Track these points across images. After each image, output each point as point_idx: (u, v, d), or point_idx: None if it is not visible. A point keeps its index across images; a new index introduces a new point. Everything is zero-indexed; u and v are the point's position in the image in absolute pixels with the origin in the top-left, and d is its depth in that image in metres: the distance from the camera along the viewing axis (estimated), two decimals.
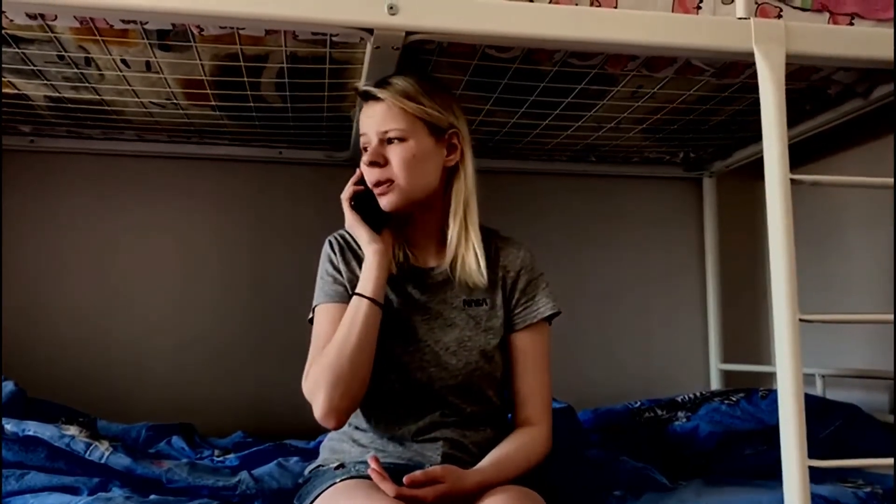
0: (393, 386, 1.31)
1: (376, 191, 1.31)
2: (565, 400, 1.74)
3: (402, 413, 1.32)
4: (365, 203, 1.33)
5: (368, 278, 1.27)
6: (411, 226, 1.37)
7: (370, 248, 1.30)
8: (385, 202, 1.31)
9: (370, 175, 1.31)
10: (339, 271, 1.35)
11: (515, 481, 1.20)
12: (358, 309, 1.25)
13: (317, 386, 1.22)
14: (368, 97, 1.32)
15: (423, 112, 1.30)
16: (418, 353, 1.31)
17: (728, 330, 2.39)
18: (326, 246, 1.39)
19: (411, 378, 1.31)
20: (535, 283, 1.38)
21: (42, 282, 2.11)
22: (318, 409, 1.21)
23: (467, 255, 1.32)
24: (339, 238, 1.39)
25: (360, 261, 1.35)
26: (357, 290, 1.27)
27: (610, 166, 2.36)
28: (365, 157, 1.31)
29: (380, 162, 1.29)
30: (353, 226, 1.34)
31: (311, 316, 1.36)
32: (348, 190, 1.35)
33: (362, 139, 1.34)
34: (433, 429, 1.31)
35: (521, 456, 1.26)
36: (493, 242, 1.40)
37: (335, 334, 1.25)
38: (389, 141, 1.30)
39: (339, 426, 1.26)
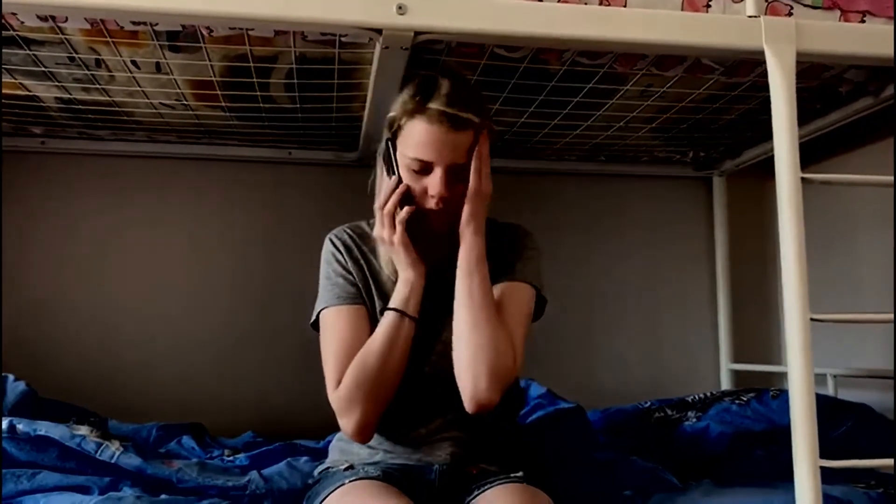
0: (404, 385, 1.30)
1: (434, 212, 1.26)
2: (574, 400, 1.74)
3: (412, 413, 1.32)
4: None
5: (410, 296, 1.26)
6: (425, 224, 1.33)
7: (415, 270, 1.27)
8: (440, 222, 1.28)
9: (433, 202, 1.25)
10: (349, 271, 1.33)
11: (521, 479, 1.20)
12: (400, 328, 1.24)
13: (353, 403, 1.21)
14: (450, 124, 1.21)
15: (485, 130, 1.27)
16: (427, 348, 1.31)
17: (738, 329, 2.38)
18: (328, 245, 1.37)
19: (421, 374, 1.30)
20: (526, 253, 1.35)
21: (53, 282, 2.13)
22: (353, 424, 1.22)
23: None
24: (341, 236, 1.37)
25: (367, 259, 1.34)
26: (398, 307, 1.25)
27: (619, 166, 2.36)
28: (435, 190, 1.23)
29: (448, 197, 1.25)
30: (402, 248, 1.27)
31: (313, 319, 1.34)
32: (397, 206, 1.26)
33: (417, 161, 1.24)
34: (442, 429, 1.31)
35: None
36: (495, 230, 1.37)
37: (371, 349, 1.23)
38: (456, 175, 1.25)
39: (368, 441, 1.27)
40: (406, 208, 1.27)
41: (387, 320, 1.25)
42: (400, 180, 1.27)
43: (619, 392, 2.22)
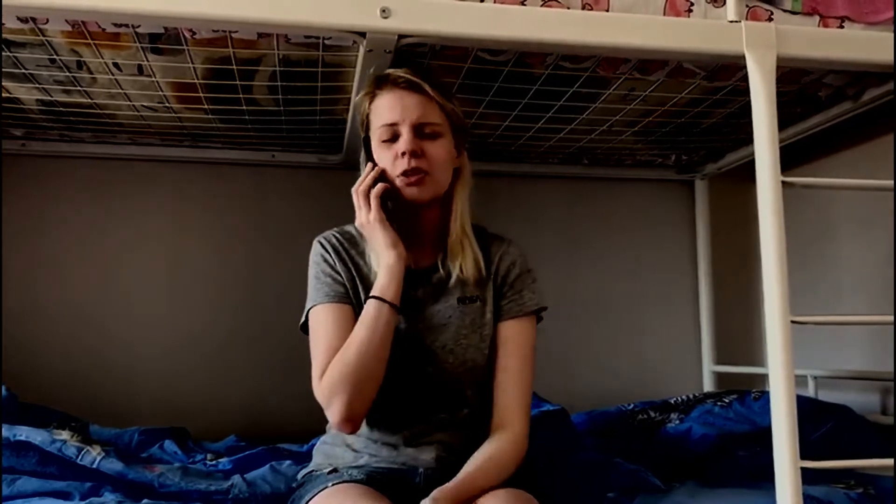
0: (391, 388, 1.30)
1: (407, 180, 1.27)
2: (559, 402, 1.75)
3: (397, 417, 1.31)
4: (381, 202, 1.30)
5: (389, 282, 1.25)
6: (412, 225, 1.35)
7: (393, 251, 1.27)
8: (414, 193, 1.28)
9: (405, 163, 1.26)
10: (337, 271, 1.33)
11: (507, 482, 1.20)
12: (379, 314, 1.23)
13: (335, 392, 1.20)
14: (406, 85, 1.27)
15: (454, 112, 1.31)
16: (415, 353, 1.31)
17: (721, 331, 2.39)
18: (317, 247, 1.37)
19: (408, 378, 1.30)
20: (524, 277, 1.37)
21: (33, 285, 2.11)
22: (337, 414, 1.21)
23: (466, 253, 1.32)
24: (329, 238, 1.37)
25: (355, 261, 1.34)
26: (377, 294, 1.25)
27: (602, 169, 2.37)
28: (403, 146, 1.26)
29: (418, 152, 1.27)
30: (377, 225, 1.28)
31: (303, 320, 1.34)
32: (369, 184, 1.29)
33: (386, 127, 1.28)
34: (427, 433, 1.31)
35: (492, 468, 1.22)
36: (484, 239, 1.39)
37: (352, 338, 1.23)
38: (423, 134, 1.28)
39: (355, 431, 1.26)
40: (380, 185, 1.29)
41: (367, 308, 1.25)
42: (375, 165, 1.31)
43: (603, 394, 2.23)
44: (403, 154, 1.26)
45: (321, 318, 1.30)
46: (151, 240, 2.18)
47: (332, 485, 1.19)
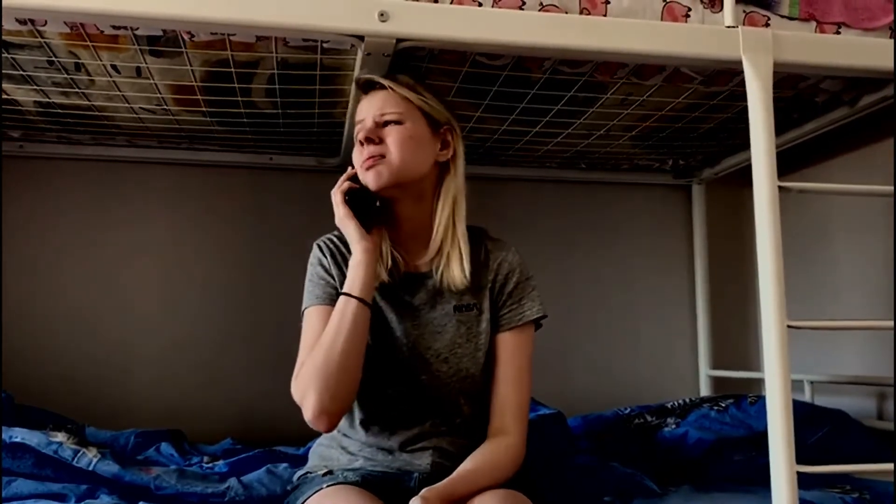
0: (384, 393, 1.30)
1: (366, 164, 1.29)
2: (555, 406, 1.75)
3: (392, 421, 1.31)
4: (357, 201, 1.31)
5: (356, 277, 1.26)
6: (400, 224, 1.35)
7: (359, 245, 1.28)
8: (373, 175, 1.28)
9: (362, 152, 1.29)
10: (330, 275, 1.33)
11: (503, 486, 1.20)
12: (346, 309, 1.23)
13: (306, 388, 1.20)
14: (370, 86, 1.33)
15: (421, 101, 1.31)
16: (409, 360, 1.31)
17: (717, 336, 2.40)
18: (315, 250, 1.37)
19: (402, 386, 1.30)
20: (524, 286, 1.37)
21: (30, 287, 2.10)
22: (308, 411, 1.20)
23: (452, 252, 1.32)
24: (328, 242, 1.38)
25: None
26: (344, 290, 1.25)
27: (600, 173, 2.37)
28: (359, 136, 1.30)
29: (374, 139, 1.28)
30: (344, 221, 1.30)
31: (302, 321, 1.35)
32: (341, 185, 1.32)
33: (357, 127, 1.33)
34: (423, 438, 1.31)
35: (486, 469, 1.22)
36: (482, 244, 1.39)
37: (323, 336, 1.23)
38: (386, 124, 1.30)
39: (330, 429, 1.25)
40: (345, 182, 1.32)
41: (336, 304, 1.25)
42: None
43: (600, 398, 2.23)
44: (361, 140, 1.30)
45: (310, 320, 1.31)
46: (149, 242, 2.18)
47: (327, 486, 1.19)
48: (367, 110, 1.32)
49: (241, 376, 2.16)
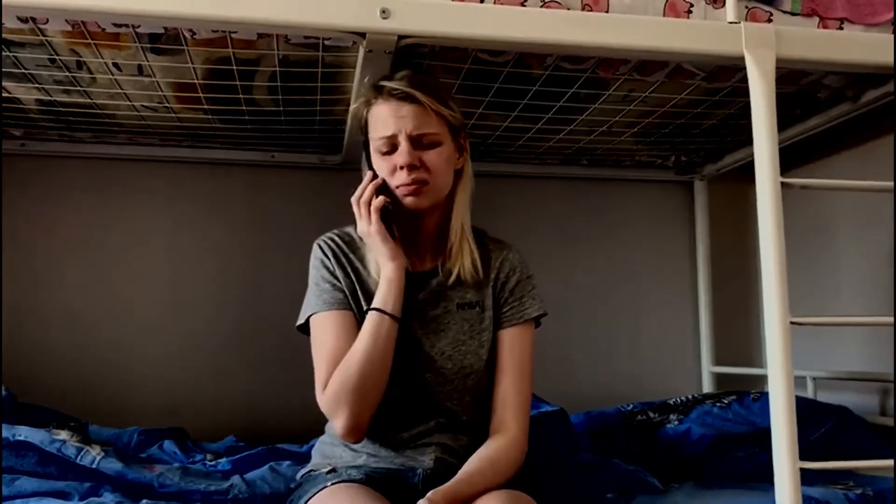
0: (388, 391, 1.30)
1: (406, 190, 1.28)
2: (557, 403, 1.75)
3: (396, 418, 1.31)
4: (384, 214, 1.30)
5: (390, 295, 1.26)
6: (415, 229, 1.35)
7: (393, 263, 1.27)
8: (414, 202, 1.28)
9: (403, 176, 1.27)
10: (336, 277, 1.33)
11: (506, 484, 1.20)
12: (381, 326, 1.24)
13: (340, 403, 1.22)
14: (400, 96, 1.28)
15: (451, 116, 1.31)
16: (414, 358, 1.31)
17: (720, 332, 2.39)
18: (317, 251, 1.36)
19: (407, 383, 1.30)
20: (525, 284, 1.38)
21: (32, 285, 2.10)
22: (343, 426, 1.22)
23: (466, 257, 1.33)
24: (329, 241, 1.37)
25: (354, 266, 1.34)
26: (378, 307, 1.25)
27: (602, 170, 2.37)
28: (401, 159, 1.26)
29: (416, 164, 1.27)
30: (378, 237, 1.28)
31: (300, 323, 1.34)
32: (370, 196, 1.29)
33: (383, 140, 1.28)
34: (426, 435, 1.31)
35: (489, 469, 1.22)
36: (484, 244, 1.39)
37: (354, 350, 1.24)
38: (421, 144, 1.28)
39: (360, 440, 1.27)
40: (380, 197, 1.29)
41: (369, 321, 1.25)
42: (375, 175, 1.31)
43: (602, 395, 2.23)
44: (402, 167, 1.27)
45: (322, 326, 1.30)
46: (151, 240, 2.18)
47: (331, 484, 1.19)
48: (399, 124, 1.27)
49: (243, 374, 2.16)
